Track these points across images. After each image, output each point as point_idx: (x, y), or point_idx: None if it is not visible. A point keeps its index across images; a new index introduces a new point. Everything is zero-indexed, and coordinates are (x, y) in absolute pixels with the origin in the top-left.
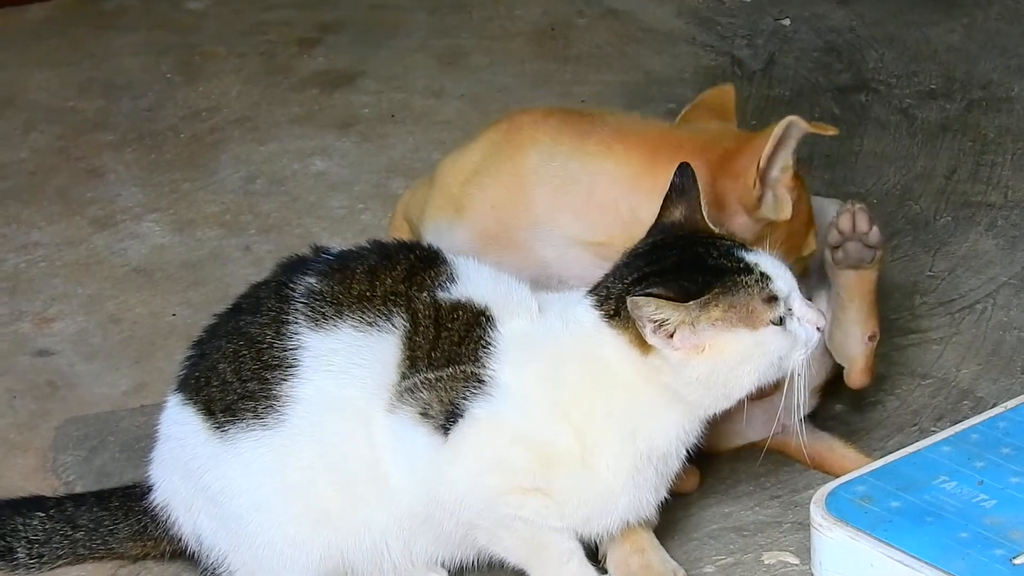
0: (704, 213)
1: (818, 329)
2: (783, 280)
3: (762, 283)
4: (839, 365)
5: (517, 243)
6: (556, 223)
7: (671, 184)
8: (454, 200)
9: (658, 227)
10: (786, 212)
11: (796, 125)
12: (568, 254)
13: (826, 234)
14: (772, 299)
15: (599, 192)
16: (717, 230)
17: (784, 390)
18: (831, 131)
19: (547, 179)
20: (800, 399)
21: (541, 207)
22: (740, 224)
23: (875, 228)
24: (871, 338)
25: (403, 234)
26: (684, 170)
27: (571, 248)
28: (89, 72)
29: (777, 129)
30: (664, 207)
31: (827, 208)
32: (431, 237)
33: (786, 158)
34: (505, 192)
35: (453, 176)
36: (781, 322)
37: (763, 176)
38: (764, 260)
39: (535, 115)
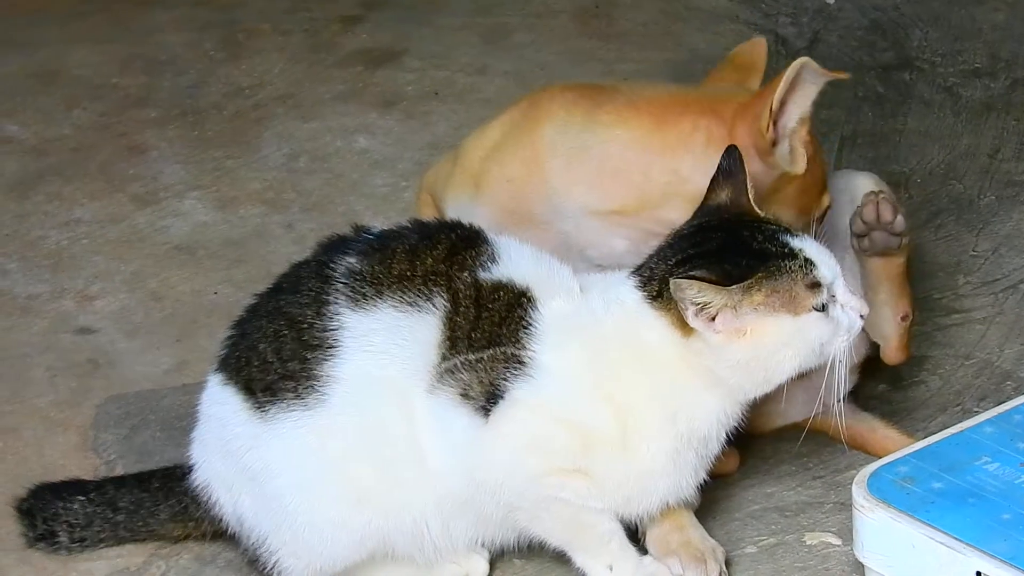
0: (751, 196)
1: (861, 316)
2: (827, 266)
3: (806, 269)
4: (877, 344)
5: (535, 218)
6: (571, 195)
7: (718, 166)
8: (474, 176)
9: (704, 209)
10: (800, 165)
11: (808, 67)
12: (585, 225)
13: (851, 222)
14: (815, 285)
15: (610, 159)
16: (763, 214)
17: (825, 374)
18: (843, 75)
19: (561, 151)
20: (840, 385)
21: (556, 180)
22: (754, 172)
23: (900, 216)
24: (903, 318)
25: (428, 209)
26: (731, 152)
27: (588, 219)
28: (132, 49)
29: (789, 71)
30: (710, 189)
31: (858, 181)
32: (452, 213)
33: (804, 107)
34: (521, 167)
35: (474, 152)
36: (824, 308)
37: (777, 120)
38: (809, 246)
39: (553, 90)
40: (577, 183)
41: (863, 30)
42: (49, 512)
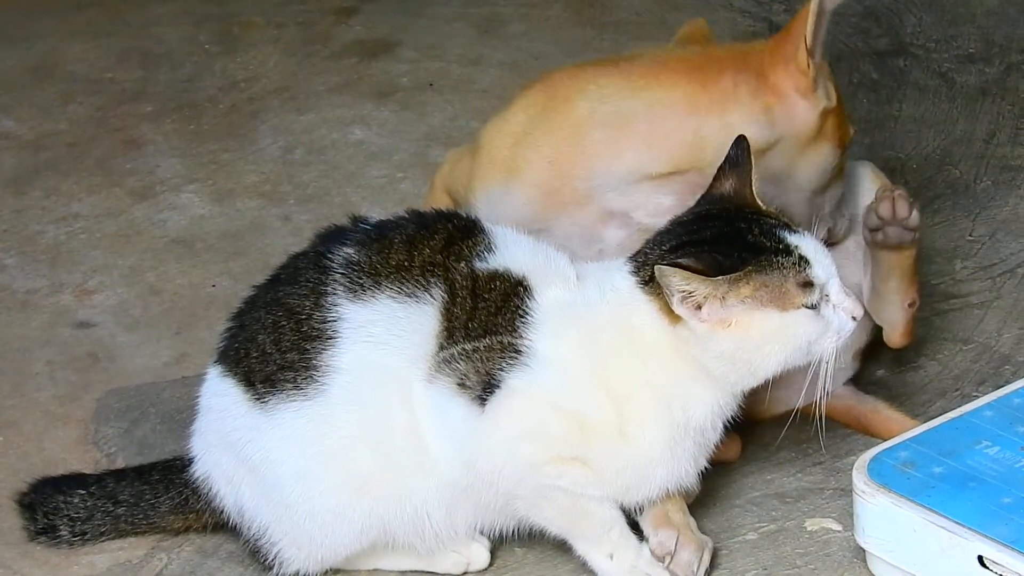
0: (754, 189)
1: (853, 318)
2: (822, 266)
3: (799, 266)
4: (879, 328)
5: (578, 195)
6: (620, 163)
7: (726, 156)
8: (506, 164)
9: (706, 198)
10: (834, 96)
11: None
12: (635, 194)
13: (864, 217)
14: (807, 284)
15: (659, 120)
16: (765, 207)
17: (810, 372)
18: None
19: (604, 121)
20: (825, 381)
21: (602, 151)
22: (802, 114)
23: (915, 212)
24: (911, 305)
25: (443, 206)
26: (739, 143)
27: (639, 186)
28: (127, 42)
29: (813, 3)
30: (715, 178)
31: (860, 172)
32: (483, 206)
33: (821, 38)
34: (563, 145)
35: (501, 141)
36: (815, 307)
37: (812, 53)
38: (806, 243)
39: (569, 70)
40: (626, 149)
41: (857, 16)
42: (50, 506)
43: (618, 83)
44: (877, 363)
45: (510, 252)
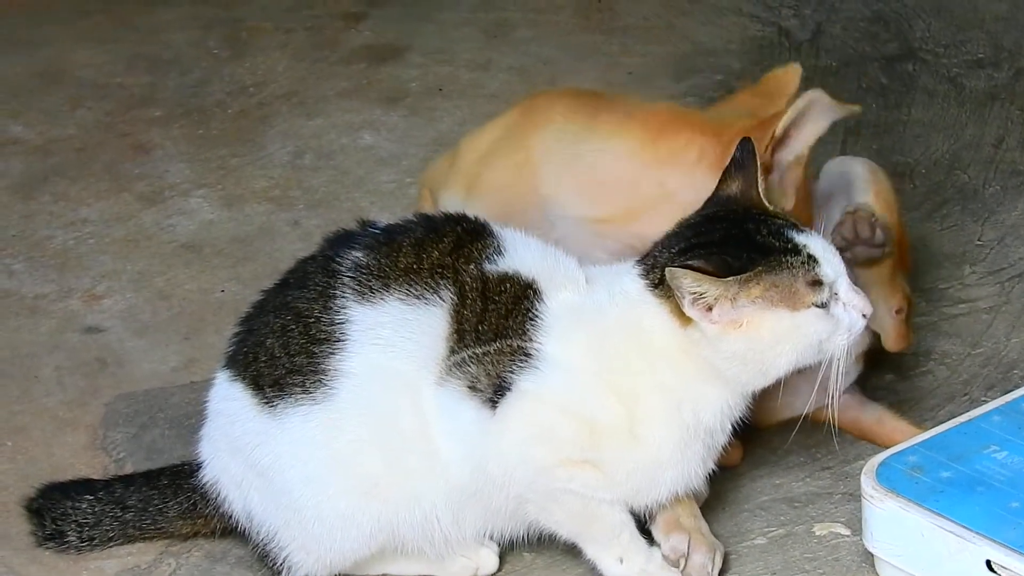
0: (761, 190)
1: (864, 316)
2: (830, 264)
3: (808, 265)
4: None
5: (525, 224)
6: (561, 202)
7: (732, 158)
8: (468, 178)
9: (713, 200)
10: (786, 204)
11: (820, 101)
12: (573, 234)
13: (831, 236)
14: (817, 283)
15: (602, 168)
16: (772, 208)
17: (822, 369)
18: (855, 109)
19: (555, 158)
20: (837, 381)
21: (548, 186)
22: None
23: (878, 231)
24: (898, 311)
25: (428, 205)
26: (745, 145)
27: (576, 227)
28: (135, 48)
29: (800, 101)
30: (722, 180)
31: (855, 169)
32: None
33: (808, 141)
34: (514, 171)
35: (470, 153)
36: (824, 306)
37: (776, 149)
38: (814, 242)
39: (551, 96)
40: (568, 190)
41: (866, 21)
42: (58, 512)
43: (584, 122)
44: (885, 368)
45: (519, 255)
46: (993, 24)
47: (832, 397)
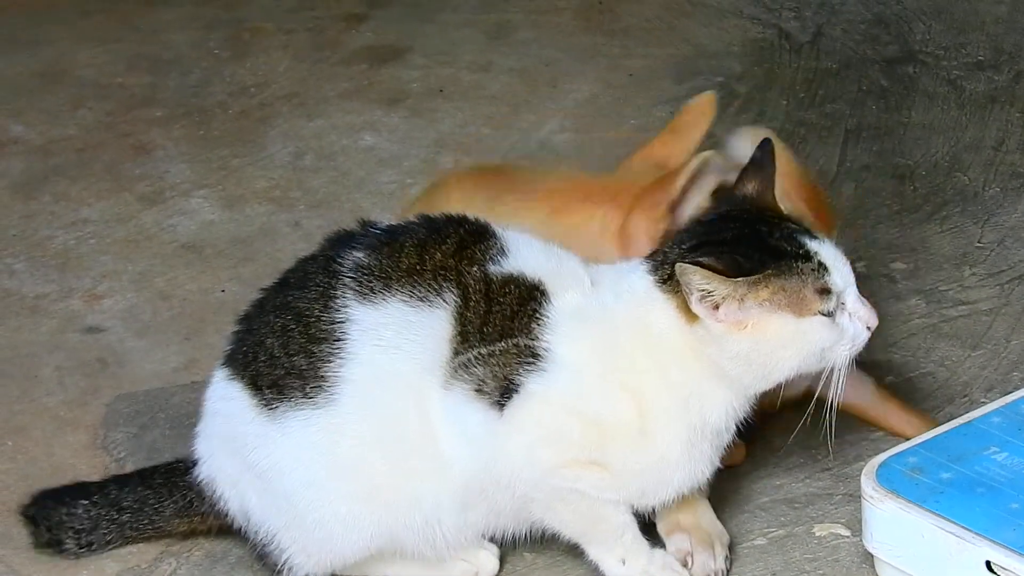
0: (776, 192)
1: (868, 328)
2: (840, 274)
3: (818, 273)
4: None
5: None
6: None
7: (750, 158)
8: None
9: (727, 199)
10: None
11: (712, 162)
12: None
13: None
14: (825, 291)
15: None
16: (786, 211)
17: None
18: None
19: None
20: (835, 392)
21: None
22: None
23: None
24: None
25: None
26: (764, 145)
27: None
28: (136, 48)
29: (693, 163)
30: (738, 179)
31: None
32: None
33: (705, 194)
34: None
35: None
36: (830, 315)
37: (675, 210)
38: (826, 250)
39: (460, 175)
40: None
41: (866, 24)
42: (53, 520)
43: (484, 203)
44: (885, 370)
45: (523, 256)
46: (993, 26)
47: (831, 404)
